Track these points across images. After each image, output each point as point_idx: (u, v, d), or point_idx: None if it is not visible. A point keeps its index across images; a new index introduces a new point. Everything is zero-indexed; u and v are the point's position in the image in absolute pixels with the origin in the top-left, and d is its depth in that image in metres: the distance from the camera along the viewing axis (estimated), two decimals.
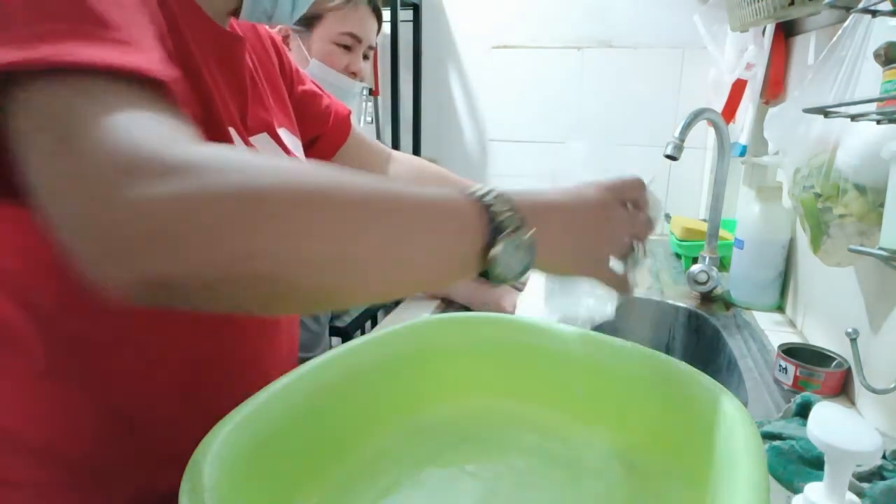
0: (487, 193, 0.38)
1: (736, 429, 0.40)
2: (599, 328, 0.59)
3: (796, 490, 0.51)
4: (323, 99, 0.79)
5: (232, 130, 0.52)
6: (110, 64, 0.33)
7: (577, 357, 0.56)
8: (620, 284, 0.48)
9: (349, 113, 0.84)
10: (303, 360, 0.52)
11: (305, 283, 0.32)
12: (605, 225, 0.45)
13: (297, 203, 0.31)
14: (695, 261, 1.05)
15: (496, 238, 0.37)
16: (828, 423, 0.37)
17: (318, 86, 0.80)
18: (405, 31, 1.72)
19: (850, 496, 0.38)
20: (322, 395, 0.48)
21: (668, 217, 1.42)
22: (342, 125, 0.83)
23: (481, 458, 0.52)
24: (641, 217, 0.48)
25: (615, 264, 0.47)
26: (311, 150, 0.80)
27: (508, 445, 0.53)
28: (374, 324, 1.42)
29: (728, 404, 0.43)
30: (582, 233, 0.44)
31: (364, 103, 1.73)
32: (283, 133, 0.63)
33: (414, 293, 0.37)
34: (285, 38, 1.01)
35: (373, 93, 1.75)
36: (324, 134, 0.80)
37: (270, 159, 0.34)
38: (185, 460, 0.36)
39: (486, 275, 0.38)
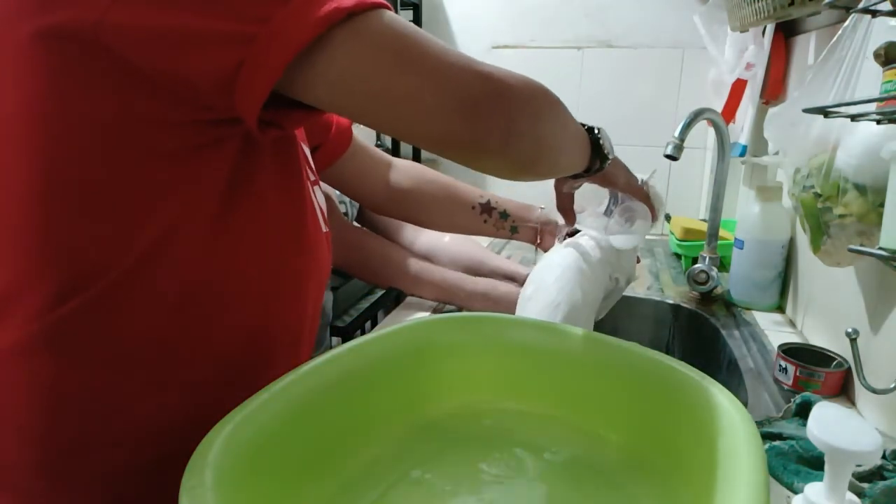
0: (591, 127, 0.64)
1: (736, 429, 0.40)
2: (600, 329, 0.59)
3: (796, 490, 0.51)
4: None
5: None
6: (383, 3, 0.44)
7: (577, 356, 0.56)
8: (648, 198, 0.76)
9: (350, 123, 0.84)
10: None
11: (556, 152, 0.57)
12: (626, 167, 0.74)
13: (559, 115, 0.55)
14: (695, 261, 1.05)
15: (598, 133, 0.64)
16: (828, 423, 0.37)
17: None
18: None
19: (850, 496, 0.38)
20: (323, 394, 0.48)
21: (668, 217, 1.42)
22: (343, 135, 0.84)
23: (482, 458, 0.52)
24: None
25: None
26: (313, 158, 0.81)
27: (509, 444, 0.53)
28: (374, 324, 1.42)
29: (728, 404, 0.43)
30: (619, 160, 0.71)
31: None
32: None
33: (570, 171, 0.64)
34: None
35: None
36: (325, 143, 0.81)
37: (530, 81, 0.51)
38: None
39: (596, 150, 0.64)
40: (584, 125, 0.63)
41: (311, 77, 0.43)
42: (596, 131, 0.64)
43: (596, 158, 0.64)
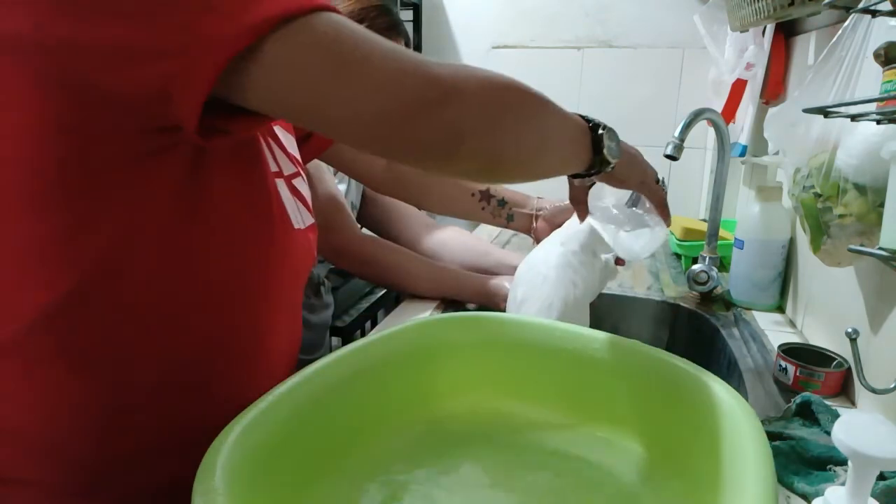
0: (592, 120, 0.59)
1: (743, 428, 0.40)
2: (599, 329, 0.59)
3: (796, 490, 0.51)
4: None
5: None
6: (321, 4, 0.42)
7: (580, 355, 0.56)
8: (664, 202, 0.69)
9: None
10: (305, 363, 0.52)
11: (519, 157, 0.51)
12: (646, 164, 0.68)
13: (532, 116, 0.50)
14: (695, 261, 1.05)
15: (601, 132, 0.58)
16: (854, 429, 0.37)
17: None
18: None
19: (873, 502, 0.37)
20: (328, 395, 0.48)
21: None
22: None
23: (486, 458, 0.52)
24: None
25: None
26: (307, 143, 0.81)
27: (512, 444, 0.54)
28: (374, 324, 1.42)
29: (734, 404, 0.43)
30: (638, 157, 0.66)
31: None
32: (277, 130, 0.64)
33: (560, 172, 0.59)
34: None
35: None
36: None
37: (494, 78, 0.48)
38: (185, 450, 0.36)
39: (597, 152, 0.58)
40: (591, 122, 0.59)
41: (246, 86, 0.42)
42: (600, 130, 0.59)
43: (597, 159, 0.59)
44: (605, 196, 0.77)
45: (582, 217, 0.74)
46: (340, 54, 0.42)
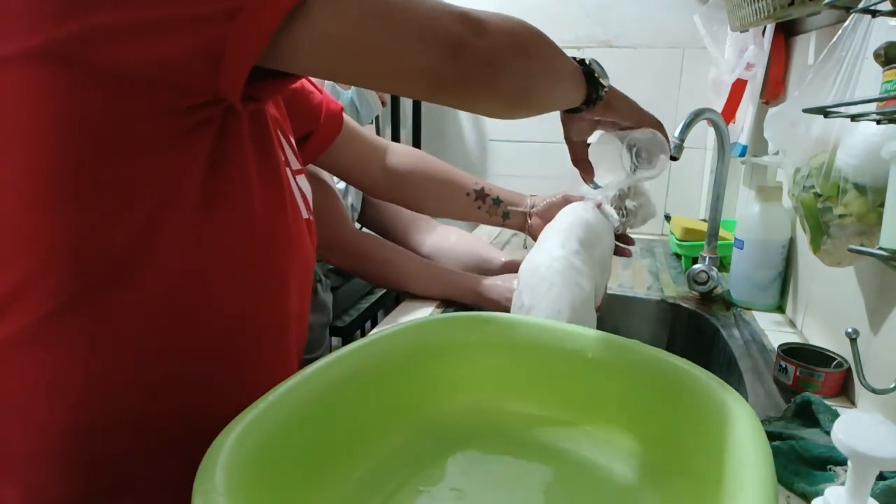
0: (581, 59, 0.64)
1: (743, 428, 0.40)
2: (599, 329, 0.59)
3: (796, 490, 0.51)
4: (315, 95, 0.81)
5: None
6: None
7: (580, 355, 0.56)
8: (660, 124, 0.71)
9: (341, 108, 0.85)
10: (305, 363, 0.52)
11: (542, 89, 0.57)
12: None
13: (545, 48, 0.56)
14: (695, 261, 1.05)
15: (589, 63, 0.64)
16: (854, 429, 0.36)
17: (311, 82, 0.81)
18: None
19: (872, 502, 0.37)
20: (328, 395, 0.48)
21: (667, 217, 1.43)
22: (334, 120, 0.84)
23: (487, 458, 0.52)
24: None
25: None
26: (304, 145, 0.81)
27: (514, 445, 0.54)
28: (374, 324, 1.42)
29: (734, 404, 0.43)
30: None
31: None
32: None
33: (567, 104, 0.64)
34: None
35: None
36: (316, 130, 0.82)
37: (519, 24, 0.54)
38: (200, 446, 0.37)
39: (590, 80, 0.64)
40: (574, 58, 0.64)
41: (294, 43, 0.43)
42: (587, 62, 0.64)
43: (592, 88, 0.64)
44: (607, 182, 0.78)
45: (588, 177, 0.75)
46: (383, 3, 0.44)
